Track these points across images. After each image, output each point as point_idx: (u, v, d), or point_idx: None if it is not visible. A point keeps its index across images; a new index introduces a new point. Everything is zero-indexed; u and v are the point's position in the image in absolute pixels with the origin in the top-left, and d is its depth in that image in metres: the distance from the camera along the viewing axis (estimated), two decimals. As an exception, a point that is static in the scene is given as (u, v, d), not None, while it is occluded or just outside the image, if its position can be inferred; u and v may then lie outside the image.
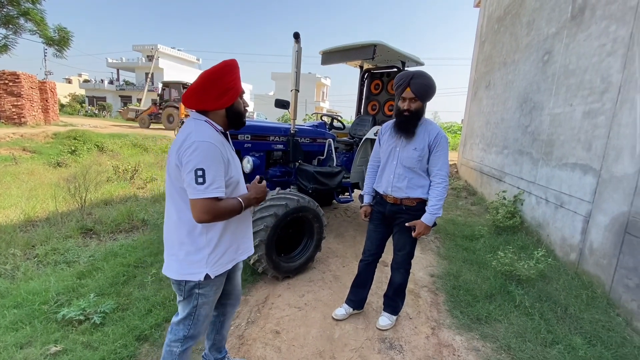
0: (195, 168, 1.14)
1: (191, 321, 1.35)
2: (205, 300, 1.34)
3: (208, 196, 1.15)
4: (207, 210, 1.16)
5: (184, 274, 1.27)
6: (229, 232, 1.34)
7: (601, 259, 2.85)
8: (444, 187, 1.94)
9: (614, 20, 3.00)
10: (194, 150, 1.16)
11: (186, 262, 1.27)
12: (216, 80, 1.24)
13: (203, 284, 1.30)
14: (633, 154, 2.61)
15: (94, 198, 5.38)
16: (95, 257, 3.08)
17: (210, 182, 1.16)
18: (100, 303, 2.19)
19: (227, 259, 1.34)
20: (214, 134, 1.25)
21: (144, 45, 35.22)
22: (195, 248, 1.26)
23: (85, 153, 9.57)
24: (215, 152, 1.19)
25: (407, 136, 1.96)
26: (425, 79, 1.90)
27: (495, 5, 7.02)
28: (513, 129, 5.19)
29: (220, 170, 1.20)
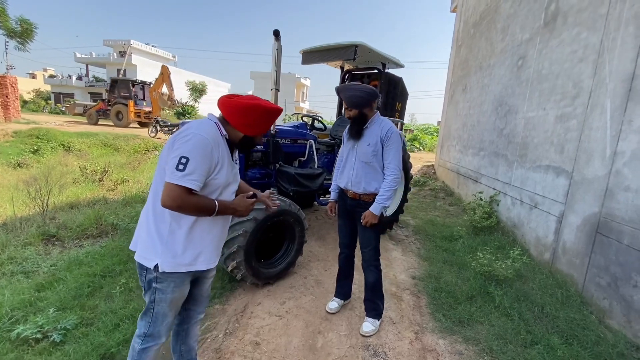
0: (180, 155, 1.18)
1: (150, 318, 1.33)
2: (162, 297, 1.30)
3: (181, 184, 1.17)
4: (175, 196, 1.17)
5: (140, 255, 1.29)
6: (194, 233, 1.31)
7: (574, 258, 2.94)
8: (393, 179, 2.06)
9: (585, 28, 3.11)
10: (187, 140, 1.20)
11: (145, 244, 1.28)
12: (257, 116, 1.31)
13: (160, 278, 1.27)
14: (603, 156, 2.70)
15: (58, 201, 5.03)
16: (58, 267, 2.85)
17: (190, 172, 1.17)
18: (61, 318, 2.00)
19: (183, 260, 1.29)
20: (214, 133, 1.27)
21: (116, 41, 33.73)
22: (156, 233, 1.26)
23: (49, 153, 8.99)
24: (206, 146, 1.20)
25: (355, 137, 2.16)
26: (351, 90, 2.09)
27: (471, 10, 7.21)
28: (489, 132, 5.32)
29: (203, 165, 1.20)
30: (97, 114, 15.78)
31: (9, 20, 12.10)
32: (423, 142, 21.18)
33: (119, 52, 32.79)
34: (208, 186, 1.27)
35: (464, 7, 7.99)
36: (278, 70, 3.02)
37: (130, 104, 14.65)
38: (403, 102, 4.84)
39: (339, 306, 2.47)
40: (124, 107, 14.77)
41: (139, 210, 4.48)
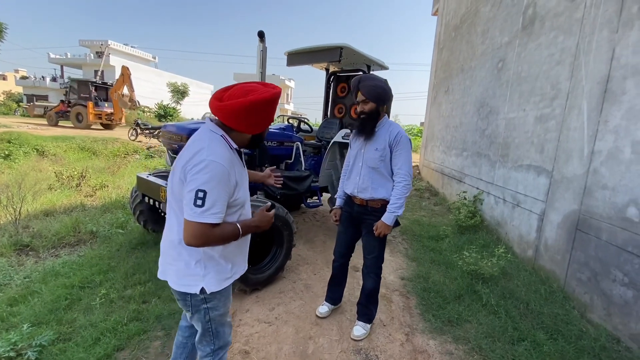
0: (197, 188, 1.08)
1: (211, 336, 1.31)
2: (217, 313, 1.30)
3: (203, 221, 1.08)
4: (199, 234, 1.09)
5: (181, 284, 1.23)
6: (227, 249, 1.28)
7: (555, 255, 3.03)
8: (404, 186, 1.96)
9: (561, 32, 3.21)
10: (201, 169, 1.08)
11: (184, 273, 1.22)
12: (259, 112, 1.17)
13: (209, 297, 1.25)
14: (581, 156, 2.79)
15: (32, 209, 4.79)
16: (32, 278, 2.70)
17: (210, 206, 1.08)
18: (36, 334, 1.88)
19: (225, 274, 1.29)
20: (226, 152, 1.17)
21: (93, 41, 32.64)
22: (193, 259, 1.21)
23: (21, 158, 8.56)
24: (223, 174, 1.11)
25: (366, 137, 2.04)
26: (373, 81, 1.98)
27: (452, 14, 7.36)
28: (471, 133, 5.43)
29: (223, 195, 1.12)
30: (57, 115, 15.41)
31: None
32: (407, 143, 21.45)
33: (96, 52, 31.77)
34: (229, 208, 1.19)
35: (445, 10, 8.15)
36: (263, 72, 2.99)
37: (89, 105, 14.32)
38: (388, 104, 4.88)
39: (329, 310, 2.44)
40: (83, 109, 14.42)
41: (120, 217, 4.32)
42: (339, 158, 3.98)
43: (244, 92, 1.16)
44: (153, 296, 2.44)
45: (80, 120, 14.51)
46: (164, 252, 1.28)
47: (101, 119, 14.93)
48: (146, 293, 2.46)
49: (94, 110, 14.39)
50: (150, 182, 2.98)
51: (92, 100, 14.54)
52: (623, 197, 2.30)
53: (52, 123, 15.26)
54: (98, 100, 14.95)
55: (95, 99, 14.82)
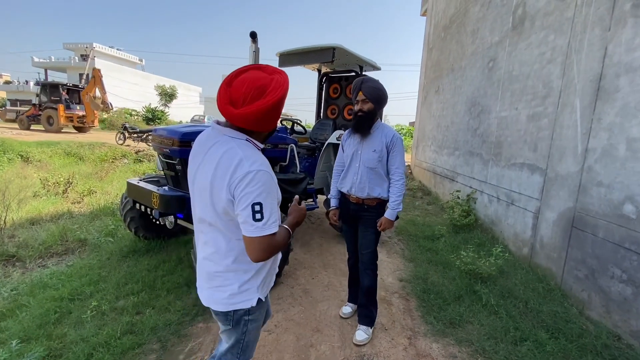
0: (252, 203, 1.02)
1: (240, 349, 1.27)
2: (256, 325, 1.28)
3: (266, 233, 1.03)
4: (266, 248, 1.05)
5: (234, 303, 1.17)
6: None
7: (552, 253, 3.04)
8: (402, 184, 2.12)
9: (552, 31, 3.24)
10: (250, 181, 1.02)
11: (237, 291, 1.16)
12: (279, 107, 1.10)
13: (253, 309, 1.21)
14: (575, 153, 2.82)
15: (17, 217, 4.63)
16: (19, 291, 2.59)
17: (268, 217, 1.03)
18: (26, 351, 1.78)
19: (271, 277, 1.30)
20: (263, 157, 1.11)
21: (77, 44, 32.01)
22: (245, 279, 1.17)
23: (5, 164, 8.29)
24: (272, 181, 1.07)
25: (362, 135, 2.14)
26: (375, 83, 2.11)
27: (441, 14, 7.41)
28: (463, 132, 5.46)
29: (275, 202, 1.09)
30: (28, 119, 15.16)
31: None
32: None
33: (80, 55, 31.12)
34: None
35: (434, 11, 8.21)
36: (256, 74, 2.92)
37: (60, 108, 14.13)
38: (381, 105, 4.87)
39: (352, 311, 2.48)
40: (54, 112, 14.25)
41: (109, 224, 4.20)
42: (333, 159, 3.94)
43: (259, 92, 1.05)
44: (147, 307, 2.36)
45: (51, 123, 14.37)
46: (210, 277, 1.19)
47: (73, 121, 14.78)
48: (140, 304, 2.38)
49: (64, 113, 14.24)
50: (141, 188, 2.89)
51: (62, 103, 14.39)
52: (619, 194, 2.32)
53: (24, 127, 15.01)
54: (70, 103, 14.80)
55: (67, 101, 14.67)
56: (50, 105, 14.41)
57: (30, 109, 15.58)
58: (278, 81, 1.08)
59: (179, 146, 2.67)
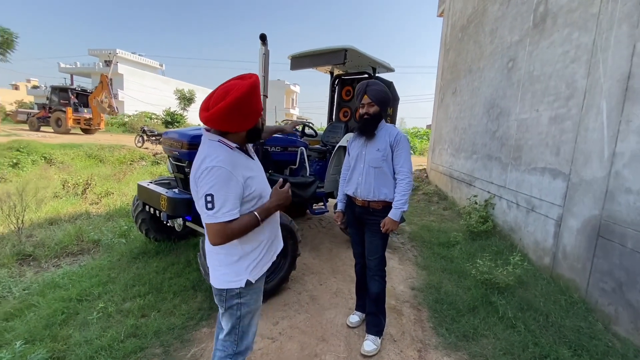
0: (205, 194, 1.18)
1: (236, 335, 1.36)
2: (248, 310, 1.35)
3: (216, 221, 1.18)
4: (218, 234, 1.19)
5: (225, 281, 1.30)
6: (264, 237, 1.37)
7: (575, 263, 2.86)
8: (408, 183, 2.03)
9: (576, 28, 3.07)
10: (205, 176, 1.19)
11: (226, 271, 1.30)
12: (242, 107, 1.21)
13: (244, 292, 1.32)
14: (601, 158, 2.64)
15: (36, 217, 4.77)
16: (31, 291, 2.63)
17: (220, 206, 1.17)
18: (29, 353, 1.79)
19: (264, 261, 1.39)
20: (226, 154, 1.24)
21: (102, 50, 33.29)
22: (233, 258, 1.30)
23: (29, 166, 8.63)
24: (224, 175, 1.19)
25: (368, 137, 2.11)
26: (380, 86, 2.08)
27: (459, 14, 7.24)
28: (481, 135, 5.27)
29: (230, 194, 1.19)
30: (38, 121, 15.98)
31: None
32: (413, 146, 21.27)
33: (104, 61, 32.32)
34: (247, 202, 1.28)
35: (451, 11, 8.03)
36: (265, 76, 2.90)
37: (68, 111, 14.89)
38: (394, 107, 4.76)
39: (360, 320, 2.40)
40: (62, 114, 15.01)
41: (122, 225, 4.26)
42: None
43: (223, 95, 1.19)
44: (152, 309, 2.34)
45: (59, 125, 15.12)
46: (210, 257, 1.36)
47: (80, 123, 15.54)
48: (145, 306, 2.37)
49: (72, 115, 15.01)
50: (150, 190, 2.91)
51: (71, 106, 15.16)
52: (651, 202, 2.14)
53: (34, 128, 15.89)
54: (78, 106, 15.58)
55: (75, 105, 15.45)
56: (59, 108, 15.23)
57: (40, 111, 16.48)
58: (240, 84, 1.20)
59: (187, 149, 2.67)
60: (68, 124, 14.88)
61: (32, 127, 15.95)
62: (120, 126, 21.92)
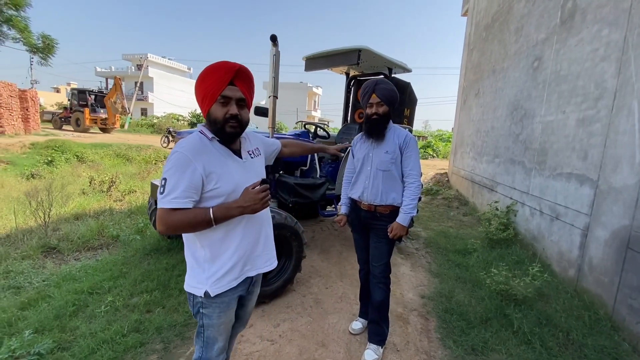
0: (162, 177, 1.13)
1: (202, 341, 1.29)
2: (209, 322, 1.25)
3: (161, 206, 1.11)
4: (160, 219, 1.11)
5: (189, 285, 1.24)
6: (230, 247, 1.22)
7: (602, 277, 2.64)
8: (417, 187, 1.97)
9: (606, 24, 2.86)
10: (167, 160, 1.15)
11: (191, 274, 1.24)
12: (196, 88, 1.21)
13: (206, 303, 1.22)
14: (633, 163, 2.43)
15: (64, 212, 5.04)
16: (49, 282, 2.76)
17: (168, 191, 1.10)
18: (36, 342, 1.87)
19: (230, 277, 1.23)
20: (195, 142, 1.17)
21: (134, 55, 34.94)
22: (196, 262, 1.22)
23: (63, 164, 9.17)
24: (182, 161, 1.11)
25: (377, 138, 2.01)
26: (389, 85, 1.98)
27: (483, 13, 6.98)
28: (504, 138, 5.04)
29: (182, 180, 1.10)
30: (61, 120, 17.44)
31: (31, 36, 12.64)
32: (437, 149, 20.72)
33: (136, 65, 33.89)
34: (210, 199, 1.16)
35: (475, 10, 7.76)
36: (276, 77, 2.90)
37: (86, 112, 16.05)
38: (411, 108, 4.65)
39: (362, 327, 2.32)
40: (81, 114, 16.17)
41: (139, 222, 4.41)
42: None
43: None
44: (158, 305, 2.39)
45: (78, 124, 16.34)
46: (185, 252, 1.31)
47: (97, 123, 16.71)
48: (151, 302, 2.42)
49: (90, 115, 16.20)
50: (160, 188, 2.98)
51: (88, 107, 16.38)
52: (687, 213, 1.93)
53: (57, 127, 17.36)
54: (95, 107, 16.78)
55: (92, 106, 16.65)
56: (78, 108, 16.48)
57: (62, 112, 17.98)
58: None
59: None
60: (86, 123, 16.11)
61: (56, 126, 17.48)
62: (149, 127, 22.86)
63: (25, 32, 12.34)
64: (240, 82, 1.18)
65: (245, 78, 1.19)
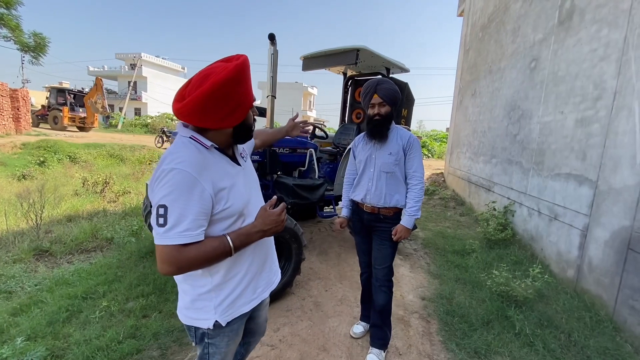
0: (157, 204, 0.88)
1: None
2: (216, 351, 1.10)
3: (167, 242, 0.87)
4: (168, 259, 0.88)
5: (191, 318, 1.05)
6: (241, 270, 1.06)
7: (602, 277, 2.64)
8: (421, 189, 1.95)
9: (605, 24, 2.86)
10: (160, 181, 0.89)
11: (190, 306, 1.04)
12: (224, 96, 0.92)
13: (212, 333, 1.06)
14: (633, 164, 2.43)
15: (56, 214, 4.93)
16: (41, 286, 2.69)
17: (174, 223, 0.87)
18: (28, 350, 1.80)
19: (242, 301, 1.09)
20: (194, 155, 0.94)
21: (127, 54, 34.55)
22: (197, 292, 1.02)
23: (55, 164, 9.01)
24: (185, 182, 0.88)
25: (380, 140, 1.98)
26: (391, 84, 1.94)
27: (479, 13, 7.00)
28: (501, 138, 5.04)
29: (190, 207, 0.89)
30: (38, 118, 17.34)
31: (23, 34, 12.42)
32: (432, 149, 20.80)
33: (130, 64, 33.54)
34: (219, 221, 0.98)
35: (471, 10, 7.78)
36: (274, 76, 2.85)
37: (64, 110, 16.06)
38: (409, 108, 4.63)
39: (364, 331, 2.29)
40: (59, 113, 16.18)
41: (134, 224, 4.33)
42: (355, 165, 3.77)
43: (200, 81, 0.92)
44: (154, 310, 2.33)
45: (56, 122, 16.34)
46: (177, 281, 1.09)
47: (75, 121, 16.78)
48: (147, 307, 2.36)
49: (68, 114, 16.22)
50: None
51: (67, 105, 16.40)
52: (689, 214, 1.93)
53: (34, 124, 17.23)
54: (74, 106, 16.85)
55: (71, 104, 16.70)
56: (57, 107, 16.45)
57: (40, 109, 17.93)
58: (223, 67, 0.92)
59: None
60: (64, 122, 16.09)
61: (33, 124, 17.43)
62: (143, 127, 22.63)
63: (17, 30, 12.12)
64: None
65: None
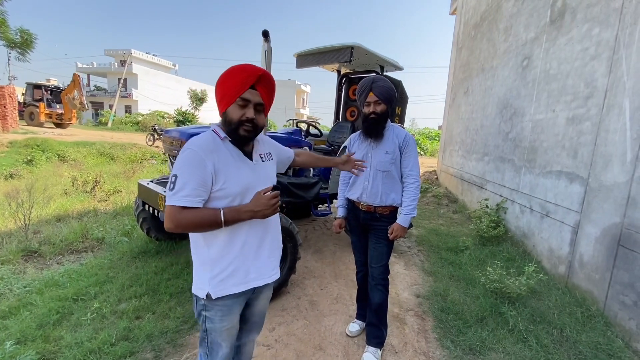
0: (172, 174, 1.13)
1: (206, 347, 1.28)
2: (212, 327, 1.24)
3: (171, 203, 1.10)
4: (169, 217, 1.10)
5: (194, 286, 1.24)
6: (233, 249, 1.21)
7: (593, 273, 2.69)
8: (417, 187, 1.96)
9: (596, 23, 2.89)
10: (179, 157, 1.15)
11: (196, 276, 1.24)
12: (218, 87, 1.19)
13: (208, 305, 1.21)
14: (623, 161, 2.46)
15: (45, 214, 4.83)
16: (30, 288, 2.62)
17: (179, 189, 1.09)
18: (19, 354, 1.75)
19: (233, 281, 1.21)
20: (207, 140, 1.17)
21: (117, 50, 33.96)
22: (200, 262, 1.22)
23: (44, 163, 8.82)
24: (193, 158, 1.11)
25: (376, 138, 1.98)
26: (386, 82, 1.94)
27: (472, 12, 7.03)
28: (493, 136, 5.09)
29: (193, 178, 1.10)
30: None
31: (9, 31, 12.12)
32: (424, 147, 20.94)
33: (119, 61, 32.97)
34: (218, 199, 1.16)
35: (464, 8, 7.82)
36: (268, 73, 2.82)
37: (41, 106, 15.90)
38: (403, 106, 4.63)
39: (360, 329, 2.29)
40: (35, 109, 16.03)
41: (126, 223, 4.26)
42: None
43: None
44: (147, 311, 2.29)
45: (32, 119, 16.17)
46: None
47: (52, 118, 16.56)
48: (140, 308, 2.32)
49: (45, 110, 16.01)
50: (149, 189, 2.87)
51: (44, 101, 16.19)
52: (678, 210, 1.97)
53: None
54: (51, 102, 16.60)
55: (48, 101, 16.48)
56: (33, 103, 16.22)
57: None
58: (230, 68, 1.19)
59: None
60: (40, 118, 15.89)
61: None
62: (134, 125, 22.30)
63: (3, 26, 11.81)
64: (261, 87, 1.18)
65: (267, 84, 1.20)
